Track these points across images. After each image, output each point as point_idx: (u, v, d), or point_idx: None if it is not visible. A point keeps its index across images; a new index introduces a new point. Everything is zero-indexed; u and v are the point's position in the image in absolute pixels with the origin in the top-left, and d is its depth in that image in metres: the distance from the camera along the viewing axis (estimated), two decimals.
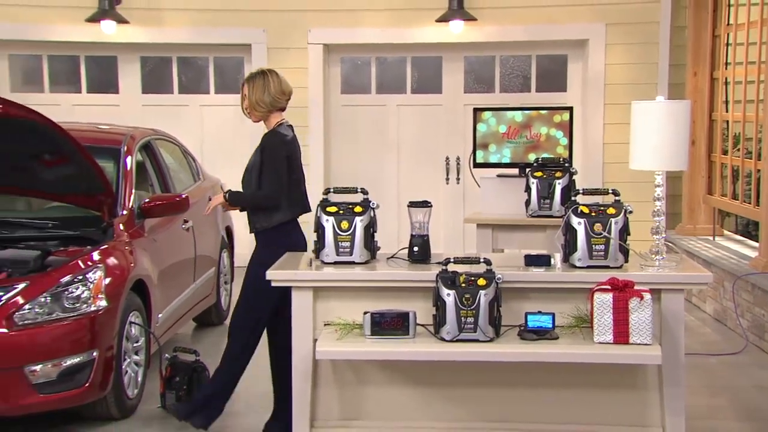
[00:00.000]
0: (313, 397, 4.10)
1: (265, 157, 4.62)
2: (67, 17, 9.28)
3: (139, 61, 9.84)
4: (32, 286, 4.59)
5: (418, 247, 4.21)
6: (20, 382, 4.44)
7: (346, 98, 10.00)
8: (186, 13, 9.45)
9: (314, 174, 9.66)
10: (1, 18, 9.27)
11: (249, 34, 9.55)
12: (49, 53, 9.75)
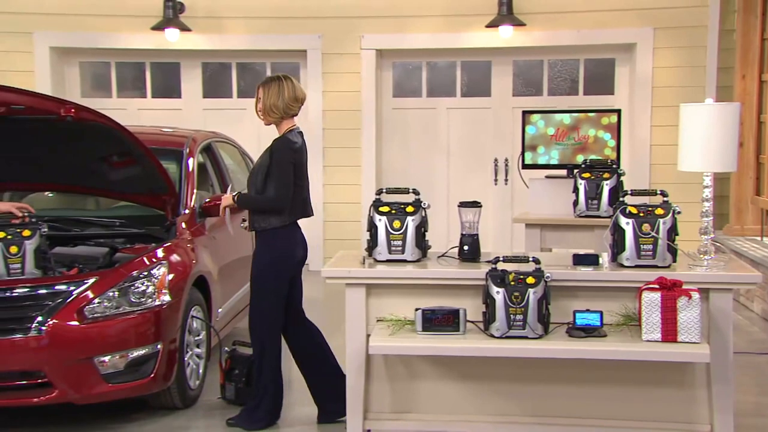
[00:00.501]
0: (366, 390, 4.10)
1: (274, 162, 4.61)
2: (134, 26, 9.43)
3: (200, 67, 9.95)
4: (101, 281, 4.65)
5: (468, 246, 4.20)
6: (91, 372, 4.50)
7: (397, 102, 10.01)
8: (245, 20, 9.54)
9: (366, 175, 9.70)
10: (73, 27, 9.46)
11: (305, 41, 9.60)
12: (116, 60, 9.91)
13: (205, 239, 5.53)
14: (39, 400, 4.48)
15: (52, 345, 4.43)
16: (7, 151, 5.02)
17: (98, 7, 9.40)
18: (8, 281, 4.63)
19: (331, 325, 7.26)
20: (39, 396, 4.47)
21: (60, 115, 4.78)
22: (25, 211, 4.96)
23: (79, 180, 5.39)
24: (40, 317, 4.45)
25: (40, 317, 4.45)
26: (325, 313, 7.84)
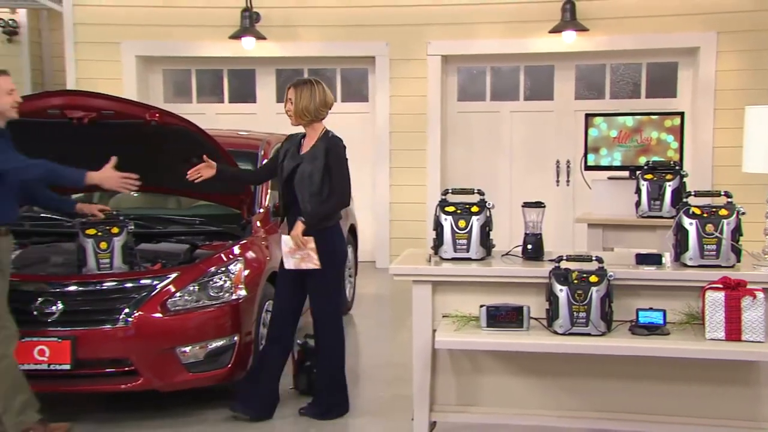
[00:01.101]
0: (432, 383, 4.10)
1: (333, 161, 4.58)
2: (213, 35, 9.60)
3: (274, 73, 10.09)
4: (182, 276, 4.73)
5: (531, 245, 4.16)
6: (173, 362, 4.59)
7: (462, 105, 9.99)
8: (317, 29, 9.63)
9: (431, 176, 9.70)
10: (157, 37, 9.68)
11: (373, 47, 9.65)
12: (196, 68, 10.12)
13: (279, 237, 5.57)
14: (126, 387, 4.59)
15: (137, 335, 4.53)
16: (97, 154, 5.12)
17: (180, 18, 9.60)
18: (98, 275, 4.75)
19: (397, 320, 7.32)
20: (126, 383, 4.58)
21: (146, 120, 4.89)
22: (106, 212, 5.06)
23: (162, 181, 5.46)
24: (127, 309, 4.56)
25: (127, 309, 4.56)
26: (391, 309, 7.90)
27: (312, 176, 4.57)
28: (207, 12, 9.60)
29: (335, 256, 4.71)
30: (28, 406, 4.28)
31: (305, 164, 4.61)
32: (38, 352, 4.43)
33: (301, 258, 4.57)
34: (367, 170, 9.80)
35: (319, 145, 4.62)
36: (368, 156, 9.87)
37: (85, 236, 4.82)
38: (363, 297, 7.96)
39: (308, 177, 4.58)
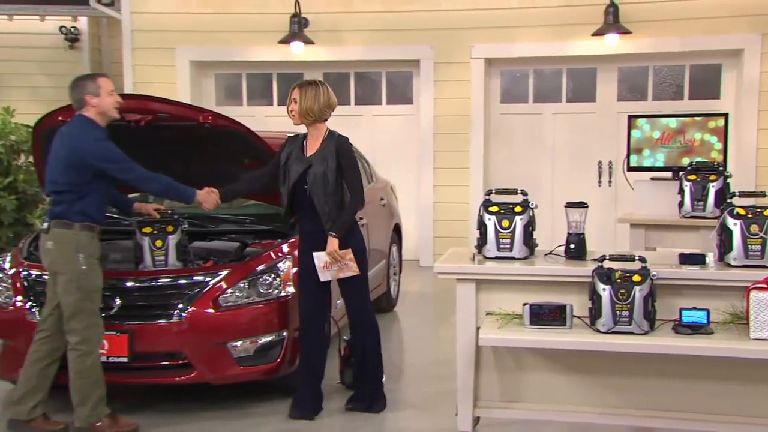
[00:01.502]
0: (475, 379, 4.08)
1: (345, 161, 4.57)
2: (263, 40, 9.68)
3: (321, 76, 10.05)
4: (233, 273, 4.76)
5: (574, 245, 4.12)
6: (225, 356, 4.62)
7: (504, 107, 9.94)
8: (363, 33, 9.65)
9: (474, 177, 9.67)
10: (210, 43, 9.80)
11: (418, 51, 9.65)
12: (247, 72, 10.21)
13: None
14: (180, 380, 4.64)
15: (191, 330, 4.58)
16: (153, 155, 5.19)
17: (232, 24, 9.70)
18: (154, 272, 4.81)
19: (440, 317, 7.31)
20: (180, 376, 4.63)
21: (199, 122, 4.93)
22: (161, 211, 5.11)
23: (215, 180, 5.50)
24: (181, 305, 4.61)
25: (181, 305, 4.61)
26: (434, 307, 7.89)
27: (326, 177, 4.53)
28: (257, 18, 9.68)
29: (363, 254, 4.71)
30: (101, 401, 4.36)
31: (316, 165, 4.55)
32: None
33: (339, 269, 4.58)
34: (411, 171, 9.80)
35: (328, 145, 4.59)
36: (412, 157, 9.87)
37: (141, 234, 4.89)
38: (407, 295, 7.96)
39: (322, 178, 4.53)
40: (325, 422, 4.67)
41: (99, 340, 4.38)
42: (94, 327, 4.34)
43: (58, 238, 4.32)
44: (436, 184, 9.76)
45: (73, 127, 4.41)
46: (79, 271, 4.28)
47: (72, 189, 4.31)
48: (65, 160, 4.33)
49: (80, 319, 4.30)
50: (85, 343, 4.30)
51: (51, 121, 4.94)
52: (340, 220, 4.53)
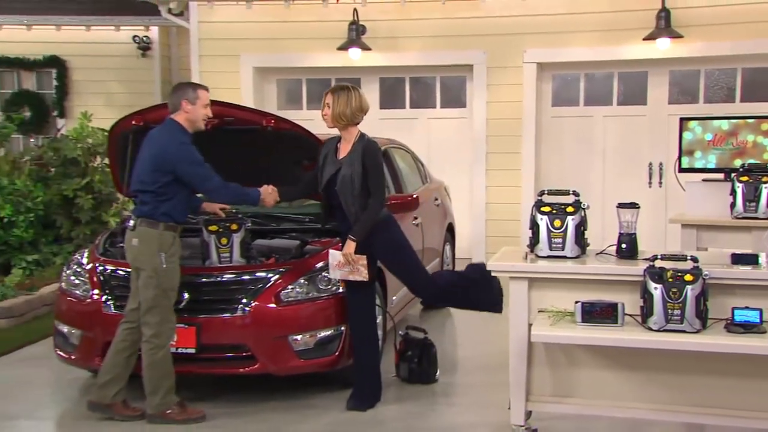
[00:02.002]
0: (527, 374, 4.04)
1: (370, 165, 4.56)
2: (322, 47, 9.73)
3: (378, 81, 10.16)
4: (294, 270, 4.82)
5: (626, 244, 4.05)
6: (286, 349, 4.67)
7: (555, 110, 9.84)
8: (418, 39, 9.65)
9: (525, 178, 9.59)
10: (272, 50, 9.90)
11: (471, 56, 9.60)
12: (307, 77, 10.28)
13: None
14: (244, 371, 4.69)
15: (254, 323, 4.64)
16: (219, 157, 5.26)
17: (293, 32, 9.79)
18: (219, 268, 4.88)
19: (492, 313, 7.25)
20: (244, 367, 4.69)
21: (262, 125, 5.00)
22: (226, 210, 5.16)
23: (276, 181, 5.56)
24: (245, 299, 4.67)
25: (245, 299, 4.67)
26: None
27: (353, 180, 4.54)
28: (317, 26, 9.74)
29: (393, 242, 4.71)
30: (171, 391, 4.45)
31: (345, 168, 4.58)
32: None
33: (350, 272, 4.60)
34: (464, 172, 9.76)
35: (357, 148, 4.60)
36: (465, 159, 9.82)
37: (208, 232, 4.97)
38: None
39: (349, 181, 4.55)
40: (380, 414, 4.67)
41: (170, 336, 4.47)
42: (167, 323, 4.44)
43: (143, 236, 4.41)
44: (488, 185, 9.70)
45: (162, 130, 4.50)
46: (159, 268, 4.37)
47: (157, 190, 4.40)
48: (151, 162, 4.42)
49: (155, 313, 4.39)
50: (157, 337, 4.39)
51: (125, 125, 5.05)
52: (359, 223, 4.54)
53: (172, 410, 4.44)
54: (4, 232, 7.81)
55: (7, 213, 7.76)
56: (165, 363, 4.43)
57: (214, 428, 4.44)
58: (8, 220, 7.80)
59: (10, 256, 7.87)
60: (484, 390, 4.99)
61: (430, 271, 6.62)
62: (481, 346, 6.19)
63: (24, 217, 7.86)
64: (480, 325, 7.00)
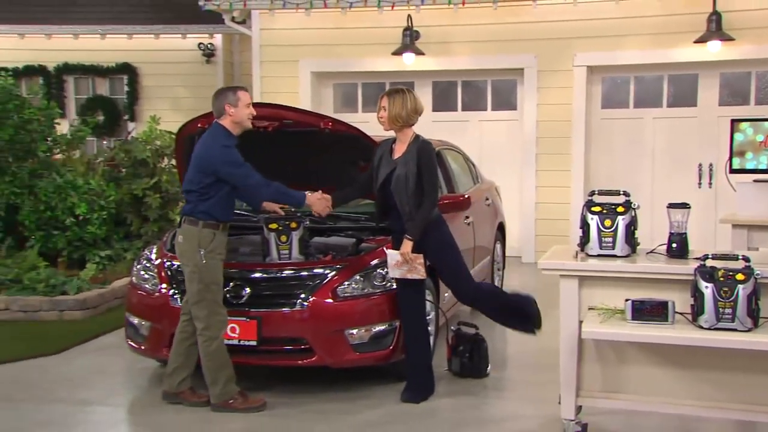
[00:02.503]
0: (578, 370, 3.98)
1: (424, 165, 4.52)
2: (377, 52, 9.77)
3: (431, 85, 10.14)
4: (350, 266, 4.82)
5: (677, 244, 3.96)
6: (342, 342, 4.68)
7: (605, 112, 9.70)
8: (470, 44, 9.60)
9: (575, 178, 9.46)
10: (329, 55, 9.97)
11: (522, 60, 9.52)
12: (362, 81, 10.32)
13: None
14: (302, 363, 4.72)
15: (312, 317, 4.66)
16: (279, 158, 5.32)
17: (349, 38, 9.84)
18: (279, 264, 4.93)
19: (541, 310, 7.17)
20: (303, 359, 4.71)
21: (320, 128, 5.02)
22: (286, 209, 5.17)
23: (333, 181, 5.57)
24: (303, 294, 4.69)
25: (303, 294, 4.69)
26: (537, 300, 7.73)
27: (407, 180, 4.52)
28: (372, 32, 9.77)
29: (443, 244, 4.68)
30: (230, 380, 4.51)
31: (400, 168, 4.56)
32: (230, 329, 4.63)
33: (408, 270, 4.58)
34: (514, 173, 9.68)
35: (411, 149, 4.57)
36: (515, 160, 9.74)
37: (268, 230, 5.02)
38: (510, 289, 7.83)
39: (404, 181, 4.53)
40: (433, 406, 4.66)
41: (221, 328, 4.49)
42: (216, 315, 4.46)
43: (186, 234, 4.48)
44: (538, 185, 9.61)
45: (208, 134, 4.56)
46: (200, 264, 4.42)
47: (199, 189, 4.45)
48: (195, 163, 4.49)
49: (202, 306, 4.44)
50: (209, 329, 4.44)
51: (191, 127, 5.13)
52: (414, 222, 4.53)
53: (234, 399, 4.49)
54: (79, 228, 8.01)
55: (82, 211, 7.96)
56: (220, 354, 4.47)
57: (272, 417, 4.48)
58: (83, 217, 7.99)
59: (84, 252, 8.07)
60: (535, 385, 4.94)
61: (481, 269, 6.64)
62: (531, 342, 6.07)
63: (98, 214, 8.05)
64: None
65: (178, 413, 4.52)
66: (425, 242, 4.61)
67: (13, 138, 8.05)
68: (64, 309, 6.69)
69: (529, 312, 4.78)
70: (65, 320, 6.63)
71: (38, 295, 6.79)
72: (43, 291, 6.83)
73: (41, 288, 6.85)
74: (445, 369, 5.16)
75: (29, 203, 8.01)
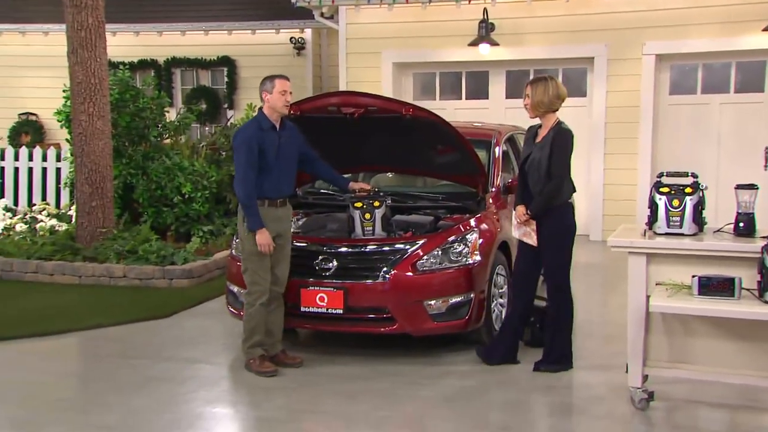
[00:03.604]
0: (645, 341, 3.89)
1: (556, 149, 4.41)
2: (454, 44, 9.68)
3: (504, 74, 9.98)
4: (428, 242, 4.81)
5: (744, 223, 3.82)
6: (421, 312, 4.68)
7: (673, 98, 9.36)
8: (543, 35, 9.41)
9: (642, 161, 9.20)
10: (409, 47, 9.93)
11: (593, 49, 9.28)
12: (440, 71, 10.24)
13: (508, 212, 5.50)
14: (384, 330, 4.74)
15: (393, 289, 4.68)
16: (364, 142, 5.34)
17: (428, 30, 9.79)
18: (363, 240, 4.95)
19: (608, 285, 7.05)
20: (385, 327, 4.73)
21: (402, 114, 5.00)
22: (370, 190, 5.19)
23: (413, 164, 5.57)
24: (385, 268, 4.71)
25: (385, 268, 4.71)
26: (603, 276, 7.60)
27: (540, 163, 4.46)
28: (450, 24, 9.67)
29: (559, 231, 4.55)
30: (257, 345, 4.56)
31: (536, 152, 4.52)
32: (319, 299, 4.70)
33: (524, 233, 4.55)
34: (582, 156, 9.42)
35: (550, 134, 4.50)
36: (584, 143, 9.47)
37: (354, 208, 5.05)
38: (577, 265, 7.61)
39: (537, 163, 4.49)
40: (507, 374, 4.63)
41: (258, 297, 4.50)
42: (254, 285, 4.52)
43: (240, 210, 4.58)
44: (606, 167, 9.38)
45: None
46: (242, 236, 4.53)
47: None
48: None
49: (248, 274, 4.54)
50: (249, 294, 4.54)
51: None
52: (536, 199, 4.50)
53: (253, 361, 4.53)
54: (185, 206, 8.25)
55: (187, 190, 8.19)
56: (253, 318, 4.50)
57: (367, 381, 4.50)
58: (189, 196, 8.22)
59: (190, 227, 8.30)
60: (603, 355, 4.85)
61: None
62: (599, 316, 6.02)
63: (201, 193, 8.27)
64: (596, 295, 6.84)
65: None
66: (544, 223, 4.52)
67: (129, 124, 8.34)
68: (173, 278, 6.91)
69: (563, 358, 4.59)
70: (174, 287, 6.84)
71: (151, 264, 7.02)
72: (155, 261, 7.07)
73: (153, 258, 7.09)
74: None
75: (142, 183, 8.30)
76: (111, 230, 7.52)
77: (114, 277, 6.96)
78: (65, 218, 8.70)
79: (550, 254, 4.56)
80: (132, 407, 4.08)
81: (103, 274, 6.99)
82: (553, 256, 4.56)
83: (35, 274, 7.13)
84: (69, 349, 5.30)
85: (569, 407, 4.09)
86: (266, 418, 3.95)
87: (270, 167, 4.50)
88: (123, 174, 8.29)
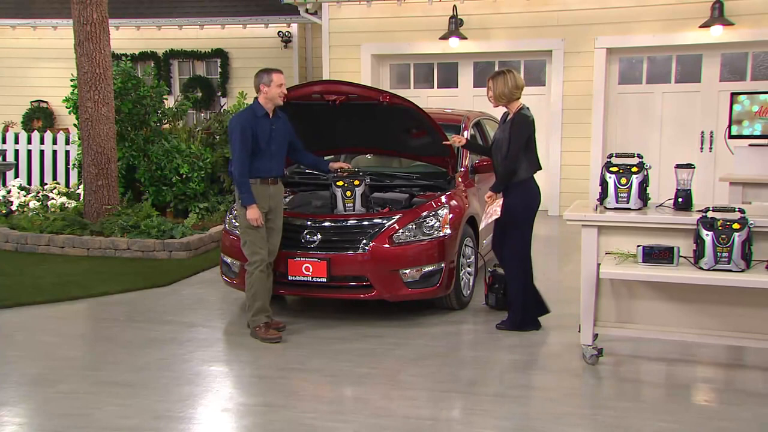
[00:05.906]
0: (595, 304, 3.94)
1: (513, 131, 4.42)
2: (427, 37, 9.61)
3: (472, 65, 9.94)
4: (404, 217, 4.81)
5: (682, 198, 3.85)
6: (397, 280, 4.68)
7: (621, 88, 9.40)
8: (506, 30, 9.38)
9: (594, 144, 9.23)
10: (386, 40, 9.83)
11: (551, 43, 9.27)
12: (414, 62, 10.17)
13: (475, 190, 5.54)
14: (364, 296, 4.74)
15: (372, 259, 4.67)
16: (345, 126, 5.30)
17: (403, 25, 9.68)
18: (345, 215, 4.94)
19: (564, 255, 7.10)
20: (364, 293, 4.73)
21: (380, 101, 4.96)
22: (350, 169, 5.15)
23: (390, 146, 5.54)
24: (365, 240, 4.70)
25: (365, 240, 4.70)
26: (559, 247, 7.67)
27: (501, 144, 4.47)
28: (423, 20, 9.60)
29: (518, 206, 4.53)
30: (260, 311, 4.49)
31: (498, 133, 4.54)
32: (305, 268, 4.68)
33: (491, 212, 4.62)
34: (541, 140, 9.43)
35: (513, 119, 4.50)
36: (543, 129, 9.51)
37: (336, 186, 5.02)
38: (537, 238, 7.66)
39: (498, 145, 4.50)
40: (472, 334, 4.67)
41: (257, 266, 4.44)
42: (253, 255, 4.46)
43: None
44: (563, 150, 9.41)
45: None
46: (239, 213, 4.49)
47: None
48: None
49: (246, 247, 4.48)
50: (250, 264, 4.48)
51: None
52: (497, 178, 4.52)
53: (258, 328, 4.48)
54: (183, 185, 8.17)
55: (185, 170, 8.10)
56: (254, 286, 4.45)
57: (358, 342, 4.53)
58: (186, 176, 8.14)
59: (187, 204, 8.24)
60: (558, 317, 4.89)
61: None
62: (556, 282, 6.08)
63: (197, 174, 8.19)
64: (553, 264, 6.88)
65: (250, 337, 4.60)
66: (506, 198, 4.52)
67: (131, 111, 8.21)
68: (172, 250, 6.84)
69: (529, 319, 4.59)
70: (173, 259, 6.79)
71: (152, 238, 6.96)
72: (156, 235, 7.00)
73: (154, 232, 7.02)
74: (483, 303, 5.15)
75: (144, 164, 8.19)
76: (116, 207, 7.44)
77: (119, 249, 6.89)
78: (74, 196, 8.58)
79: (509, 227, 4.57)
80: (137, 365, 4.06)
81: (109, 246, 6.91)
82: (512, 228, 4.56)
83: (47, 247, 7.04)
84: (80, 313, 5.25)
85: (529, 363, 4.13)
86: (258, 375, 3.95)
87: (262, 150, 4.47)
88: (126, 156, 8.18)
